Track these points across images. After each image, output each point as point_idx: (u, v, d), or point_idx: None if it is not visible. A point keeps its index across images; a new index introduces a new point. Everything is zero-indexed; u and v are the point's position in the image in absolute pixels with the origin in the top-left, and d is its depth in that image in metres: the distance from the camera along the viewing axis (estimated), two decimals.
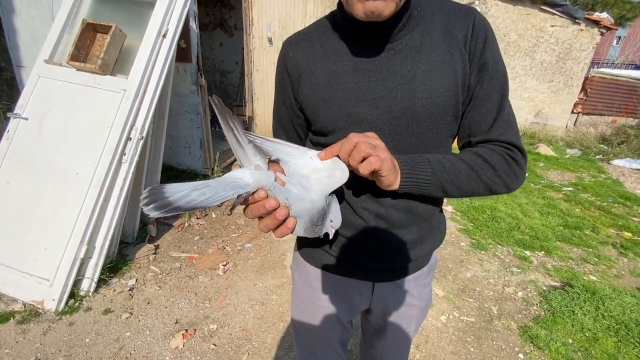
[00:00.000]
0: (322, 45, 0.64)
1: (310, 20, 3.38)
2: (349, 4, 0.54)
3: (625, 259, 2.59)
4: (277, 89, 0.73)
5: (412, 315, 0.80)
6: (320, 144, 0.67)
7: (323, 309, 0.80)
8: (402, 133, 0.61)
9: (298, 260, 0.83)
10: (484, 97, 0.60)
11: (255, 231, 2.58)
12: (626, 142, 5.73)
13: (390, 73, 0.59)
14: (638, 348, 1.68)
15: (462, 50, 0.59)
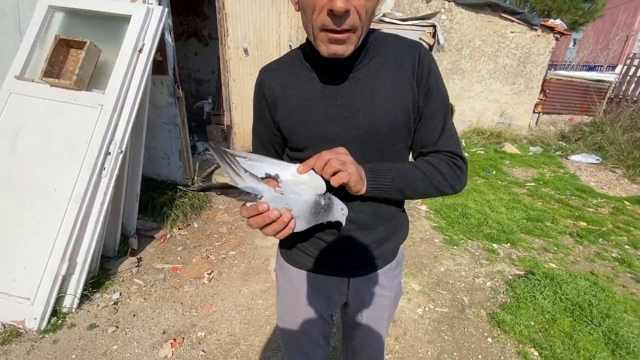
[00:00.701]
0: (294, 74, 0.75)
1: (285, 30, 3.49)
2: (316, 44, 0.64)
3: (581, 246, 2.85)
4: (255, 111, 0.82)
5: (385, 304, 0.91)
6: (296, 158, 0.77)
7: (306, 306, 0.89)
8: (366, 148, 0.72)
9: (282, 263, 0.92)
10: (431, 115, 0.73)
11: (239, 239, 2.63)
12: (582, 138, 6.20)
13: (353, 98, 0.70)
14: (590, 326, 1.87)
15: (411, 78, 0.71)
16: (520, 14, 6.13)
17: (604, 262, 2.61)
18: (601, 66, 11.02)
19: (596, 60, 11.82)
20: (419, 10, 6.12)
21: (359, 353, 1.01)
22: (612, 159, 5.31)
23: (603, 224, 3.21)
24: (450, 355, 1.70)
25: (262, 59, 3.46)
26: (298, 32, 3.55)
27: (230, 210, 3.06)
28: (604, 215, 3.44)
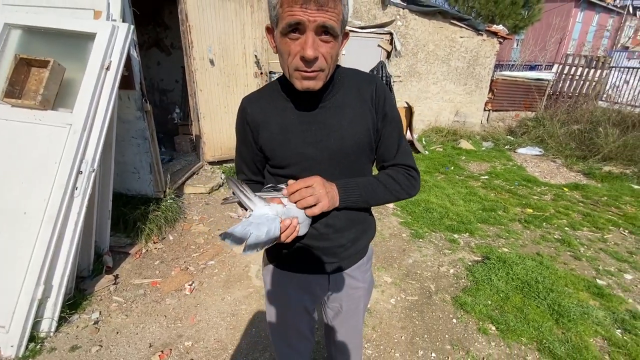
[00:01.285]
0: (273, 103, 0.88)
1: (250, 41, 3.56)
2: (292, 80, 0.78)
3: (528, 231, 3.21)
4: (239, 134, 0.94)
5: (360, 295, 1.07)
6: (277, 174, 0.90)
7: (293, 302, 1.01)
8: (337, 164, 0.87)
9: (269, 269, 1.03)
10: (388, 135, 0.91)
11: (216, 248, 2.67)
12: (527, 133, 6.84)
13: (324, 124, 0.85)
14: (537, 300, 2.16)
15: (370, 106, 0.88)
16: (468, 20, 6.65)
17: (548, 243, 2.97)
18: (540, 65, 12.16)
19: (536, 60, 13.01)
20: (376, 17, 6.43)
21: (340, 341, 1.15)
22: (552, 150, 5.93)
23: (546, 210, 3.63)
24: (422, 338, 1.90)
25: (228, 69, 3.51)
26: (263, 42, 3.64)
27: (204, 220, 3.08)
28: (547, 202, 3.88)
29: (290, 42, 0.71)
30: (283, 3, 0.69)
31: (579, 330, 1.91)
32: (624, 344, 1.83)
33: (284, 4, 0.68)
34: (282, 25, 0.70)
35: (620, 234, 3.17)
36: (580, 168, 5.14)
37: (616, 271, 2.56)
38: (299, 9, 0.66)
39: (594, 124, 5.94)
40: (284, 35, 0.72)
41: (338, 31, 0.71)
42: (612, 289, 2.32)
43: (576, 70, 7.64)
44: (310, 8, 0.66)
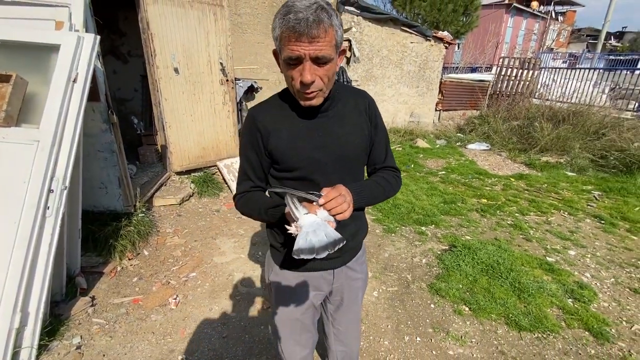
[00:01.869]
0: (282, 112, 0.97)
1: (214, 49, 3.53)
2: (297, 98, 0.89)
3: (485, 219, 3.55)
4: (246, 141, 1.00)
5: (359, 286, 1.19)
6: (285, 177, 0.99)
7: (302, 300, 1.09)
8: (340, 167, 0.98)
9: (277, 271, 1.10)
10: (379, 142, 1.06)
11: (196, 259, 2.63)
12: (474, 130, 7.47)
13: (328, 131, 0.96)
14: (500, 280, 2.42)
15: (365, 117, 1.02)
16: (417, 27, 7.13)
17: (503, 229, 3.32)
18: (480, 67, 13.32)
19: (476, 62, 14.21)
20: None
21: (343, 332, 1.24)
22: (497, 145, 6.55)
23: (498, 199, 4.03)
24: (406, 325, 2.05)
25: (193, 77, 3.45)
26: (228, 49, 3.63)
27: (179, 232, 3.00)
28: (498, 192, 4.31)
29: (292, 69, 0.83)
30: (282, 39, 0.79)
31: (538, 302, 2.19)
32: (575, 311, 2.14)
33: (283, 40, 0.79)
34: (284, 56, 0.81)
35: (561, 216, 3.63)
36: (522, 160, 5.75)
37: (561, 248, 2.94)
38: (294, 44, 0.77)
39: (530, 120, 6.67)
40: (287, 64, 0.83)
41: (332, 56, 0.82)
42: (560, 265, 2.68)
43: (511, 71, 8.51)
44: (304, 42, 0.76)
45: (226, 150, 3.99)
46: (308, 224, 0.76)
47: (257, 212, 0.97)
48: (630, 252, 2.92)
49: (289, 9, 0.77)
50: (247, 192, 1.01)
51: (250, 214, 1.00)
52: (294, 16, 0.75)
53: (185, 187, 3.61)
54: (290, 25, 0.75)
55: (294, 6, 0.76)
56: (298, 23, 0.74)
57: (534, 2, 23.64)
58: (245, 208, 1.00)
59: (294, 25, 0.74)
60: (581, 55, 18.93)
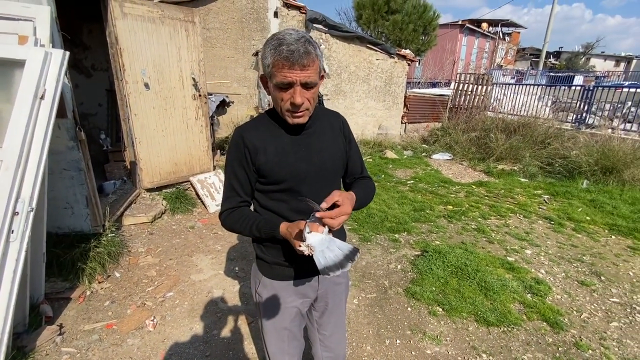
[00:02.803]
0: (268, 131, 1.05)
1: (187, 64, 3.52)
2: (283, 117, 0.98)
3: (452, 224, 3.78)
4: (234, 158, 1.05)
5: (342, 290, 1.27)
6: (271, 190, 1.05)
7: (290, 309, 1.15)
8: (321, 178, 1.07)
9: (265, 282, 1.14)
10: (353, 156, 1.19)
11: (172, 278, 2.55)
12: (437, 141, 7.92)
13: (311, 145, 1.06)
14: (469, 280, 2.60)
15: (340, 133, 1.15)
16: (381, 45, 7.52)
17: (468, 232, 3.55)
18: (440, 83, 14.21)
19: (436, 78, 15.16)
20: None
21: (328, 337, 1.30)
22: (459, 154, 7.00)
23: (462, 205, 4.31)
24: (386, 329, 2.14)
25: (165, 92, 3.41)
26: (200, 65, 3.63)
27: (152, 251, 2.91)
28: (462, 198, 4.61)
29: (283, 92, 0.92)
30: (275, 65, 0.88)
31: (502, 299, 2.38)
32: (534, 304, 2.34)
33: (276, 66, 0.88)
34: (276, 81, 0.90)
35: (517, 219, 3.95)
36: (481, 168, 6.18)
37: (519, 248, 3.21)
38: (287, 71, 0.87)
39: (486, 131, 7.21)
40: (277, 87, 0.92)
41: (317, 81, 0.94)
42: (519, 263, 2.92)
43: (467, 86, 9.19)
44: (296, 70, 0.87)
45: (199, 165, 3.94)
46: (318, 242, 0.82)
47: (248, 228, 1.01)
48: (576, 248, 3.24)
49: (280, 41, 0.86)
50: (236, 208, 1.06)
51: (239, 230, 1.04)
52: (287, 48, 0.84)
53: (156, 204, 3.50)
54: (284, 55, 0.85)
55: (284, 39, 0.86)
56: (291, 54, 0.84)
57: (483, 23, 25.78)
58: (234, 224, 1.04)
59: (287, 56, 0.84)
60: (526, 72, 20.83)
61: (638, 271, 2.83)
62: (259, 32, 6.49)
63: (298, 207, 1.03)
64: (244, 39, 6.45)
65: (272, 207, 1.06)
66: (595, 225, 3.74)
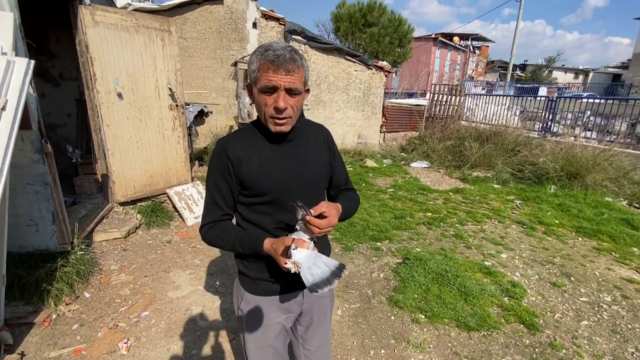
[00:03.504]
0: (252, 142, 1.03)
1: (162, 74, 3.44)
2: (266, 125, 0.97)
3: (431, 231, 3.85)
4: (216, 170, 1.02)
5: (327, 303, 1.24)
6: (254, 203, 1.03)
7: (274, 325, 1.11)
8: (306, 189, 1.06)
9: (247, 298, 1.10)
10: (337, 168, 1.18)
11: (148, 296, 2.44)
12: (415, 149, 8.12)
13: (296, 157, 1.05)
14: (449, 286, 2.64)
15: (324, 146, 1.14)
16: (359, 56, 7.69)
17: (447, 239, 3.63)
18: (416, 93, 14.68)
19: (412, 88, 15.64)
20: None
21: (313, 352, 1.27)
22: (436, 162, 7.20)
23: (441, 212, 4.41)
24: (370, 339, 2.12)
25: (139, 102, 3.31)
26: (177, 75, 3.56)
27: (125, 269, 2.77)
28: (440, 205, 4.71)
29: (267, 97, 0.91)
30: (261, 70, 0.89)
31: (481, 303, 2.43)
32: (511, 307, 2.41)
33: (262, 70, 0.89)
34: (261, 85, 0.90)
35: (492, 224, 4.08)
36: (457, 175, 6.38)
37: (495, 253, 3.31)
38: (272, 74, 0.88)
39: (461, 140, 7.47)
40: (262, 92, 0.91)
41: (301, 90, 0.94)
42: (495, 267, 3.00)
43: (442, 97, 9.53)
44: (280, 74, 0.88)
45: (176, 177, 3.82)
46: (305, 258, 0.81)
47: (231, 243, 0.98)
48: (547, 251, 3.38)
49: (267, 48, 0.88)
50: (218, 222, 1.02)
51: (221, 245, 1.01)
52: (273, 52, 0.86)
53: (130, 218, 3.35)
54: (270, 59, 0.86)
55: (271, 46, 0.88)
56: (277, 58, 0.86)
57: (455, 37, 27.00)
58: (215, 239, 1.01)
59: (273, 60, 0.86)
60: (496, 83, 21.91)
61: (603, 271, 2.98)
62: (238, 42, 6.48)
63: (282, 219, 1.02)
64: (222, 49, 6.41)
65: (255, 220, 1.03)
66: (564, 228, 3.93)
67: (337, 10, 13.73)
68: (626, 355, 2.00)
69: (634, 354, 2.00)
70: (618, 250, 3.37)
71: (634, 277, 2.88)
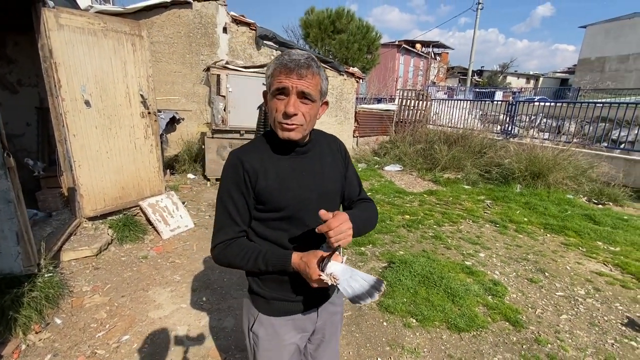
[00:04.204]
0: (267, 154, 0.99)
1: (133, 80, 3.26)
2: (275, 130, 0.94)
3: (411, 233, 3.94)
4: (231, 183, 0.96)
5: (338, 320, 1.22)
6: (270, 219, 0.98)
7: (289, 346, 1.08)
8: (323, 203, 1.02)
9: (262, 319, 1.05)
10: (351, 178, 1.15)
11: (127, 318, 2.27)
12: (387, 153, 8.32)
13: (312, 170, 1.02)
14: (436, 288, 2.71)
15: (339, 156, 1.12)
16: (331, 62, 7.78)
17: (427, 240, 3.74)
18: (385, 98, 15.09)
19: (380, 94, 16.07)
20: (252, 56, 6.80)
21: None
22: (408, 165, 7.42)
23: (418, 214, 4.54)
24: (366, 348, 2.12)
25: (109, 110, 3.10)
26: (149, 81, 3.38)
27: (100, 289, 2.56)
28: (417, 207, 4.86)
29: (278, 102, 0.89)
30: (274, 74, 0.88)
31: (467, 303, 2.52)
32: (495, 306, 2.52)
33: (275, 75, 0.88)
34: (273, 89, 0.89)
35: (468, 224, 4.27)
36: (429, 177, 6.62)
37: (474, 252, 3.46)
38: (284, 77, 0.86)
39: (430, 143, 7.78)
40: (273, 96, 0.90)
41: (315, 97, 0.91)
42: (476, 267, 3.14)
43: (410, 102, 9.88)
44: (293, 77, 0.86)
45: (150, 188, 3.62)
46: (340, 271, 0.79)
47: (252, 262, 0.93)
48: (520, 248, 3.59)
49: (284, 54, 0.88)
50: (234, 239, 0.96)
51: (239, 265, 0.95)
52: (289, 57, 0.87)
53: (101, 234, 3.12)
54: (284, 63, 0.87)
55: (289, 53, 0.89)
56: (291, 62, 0.86)
57: (417, 44, 28.17)
58: (233, 258, 0.95)
59: (286, 63, 0.86)
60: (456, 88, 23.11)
61: (574, 265, 3.22)
62: (208, 47, 6.31)
63: (298, 235, 0.98)
64: (191, 54, 6.21)
65: (270, 236, 0.99)
66: (533, 226, 4.20)
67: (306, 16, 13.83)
68: (607, 347, 2.16)
69: (613, 345, 2.17)
70: (584, 244, 3.66)
71: (603, 270, 3.13)
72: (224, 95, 5.17)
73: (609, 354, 2.09)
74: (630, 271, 3.08)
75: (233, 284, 2.75)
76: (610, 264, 3.25)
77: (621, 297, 2.70)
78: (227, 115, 5.26)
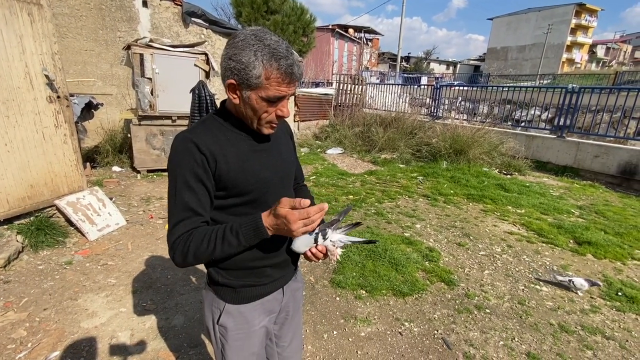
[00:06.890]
0: (224, 136, 0.91)
1: (35, 57, 2.72)
2: (258, 128, 0.90)
3: (356, 212, 4.12)
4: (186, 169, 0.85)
5: (300, 296, 1.23)
6: (234, 204, 0.92)
7: (259, 330, 1.06)
8: (284, 184, 1.04)
9: (229, 310, 1.00)
10: (297, 161, 1.19)
11: (55, 332, 2.00)
12: (328, 137, 8.47)
13: (271, 152, 1.00)
14: (381, 260, 2.89)
15: (289, 139, 1.14)
16: None
17: (370, 217, 3.95)
18: (322, 82, 15.19)
19: (318, 78, 16.13)
20: (179, 34, 6.25)
21: (287, 347, 1.25)
22: (348, 148, 7.67)
23: (360, 194, 4.75)
24: (321, 323, 2.20)
25: (4, 93, 2.57)
26: (55, 59, 2.88)
27: (14, 305, 2.20)
28: (359, 188, 5.08)
29: (271, 106, 0.86)
30: (271, 79, 0.81)
31: (409, 271, 2.75)
32: (432, 270, 2.80)
33: (272, 80, 0.81)
34: (267, 95, 0.83)
35: (404, 200, 4.61)
36: (368, 159, 6.93)
37: (411, 224, 3.76)
38: (285, 87, 0.84)
39: (368, 126, 8.12)
40: (265, 100, 0.84)
41: None
42: (414, 237, 3.42)
43: (347, 86, 10.11)
44: (292, 86, 0.86)
45: (67, 184, 3.16)
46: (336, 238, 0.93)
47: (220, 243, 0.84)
48: (449, 217, 4.01)
49: (272, 51, 0.79)
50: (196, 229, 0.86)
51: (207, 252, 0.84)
52: (285, 62, 0.80)
53: (8, 241, 2.65)
54: (284, 70, 0.81)
55: (277, 50, 0.80)
56: (290, 68, 0.81)
57: (350, 29, 28.71)
58: (198, 249, 0.83)
59: (290, 72, 0.82)
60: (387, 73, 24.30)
61: (491, 228, 3.71)
62: (126, 22, 5.62)
63: None
64: (105, 30, 5.47)
65: None
66: (458, 197, 4.70)
67: None
68: (519, 292, 2.56)
69: (524, 290, 2.58)
70: (498, 209, 4.23)
71: (513, 230, 3.67)
72: (150, 77, 4.67)
73: (521, 298, 2.48)
74: (532, 228, 3.67)
75: (178, 280, 2.59)
76: (518, 224, 3.82)
77: (527, 251, 3.20)
78: (156, 99, 4.79)
